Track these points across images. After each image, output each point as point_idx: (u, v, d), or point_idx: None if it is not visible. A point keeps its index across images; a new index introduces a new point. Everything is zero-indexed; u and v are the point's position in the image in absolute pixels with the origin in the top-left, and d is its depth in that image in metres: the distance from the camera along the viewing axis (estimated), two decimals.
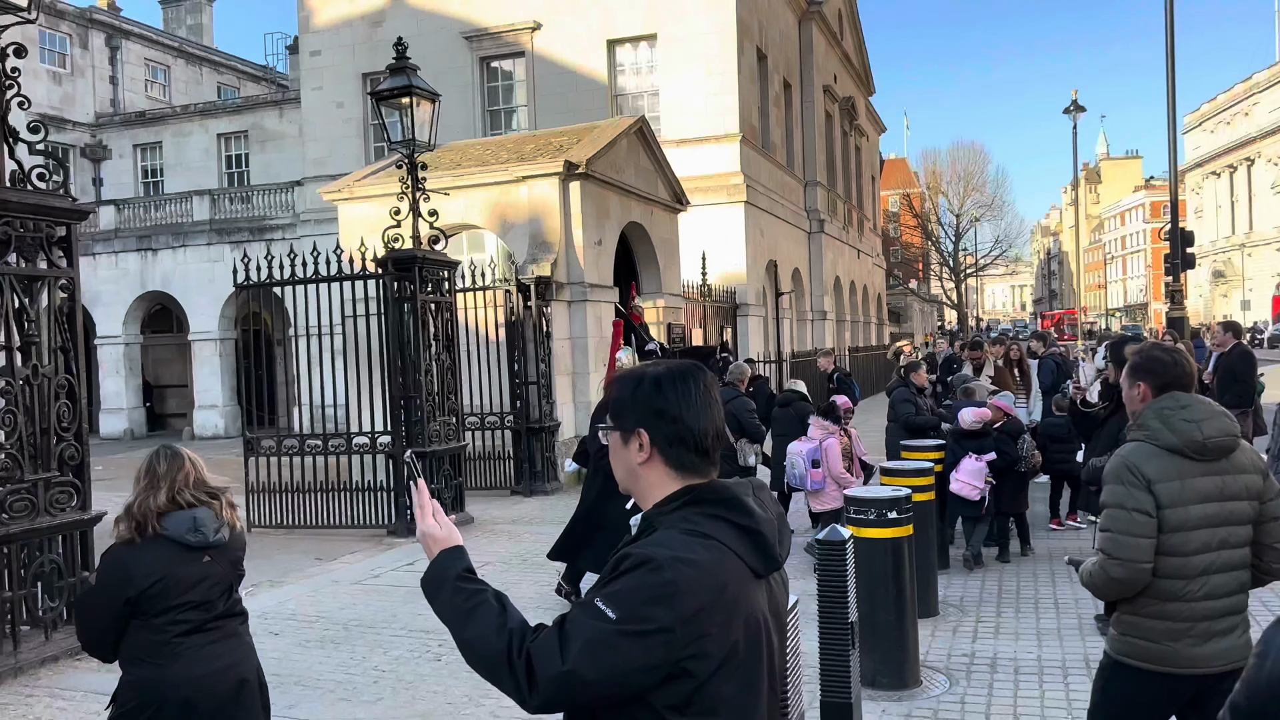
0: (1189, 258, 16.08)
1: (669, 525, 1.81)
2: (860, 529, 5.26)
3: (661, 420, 1.87)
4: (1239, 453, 3.03)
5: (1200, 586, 2.96)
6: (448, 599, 1.90)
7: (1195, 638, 2.96)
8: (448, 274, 10.79)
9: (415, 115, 10.45)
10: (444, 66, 24.10)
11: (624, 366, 7.66)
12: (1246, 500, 3.00)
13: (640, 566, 1.71)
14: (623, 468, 1.94)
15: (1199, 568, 2.96)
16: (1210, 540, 2.96)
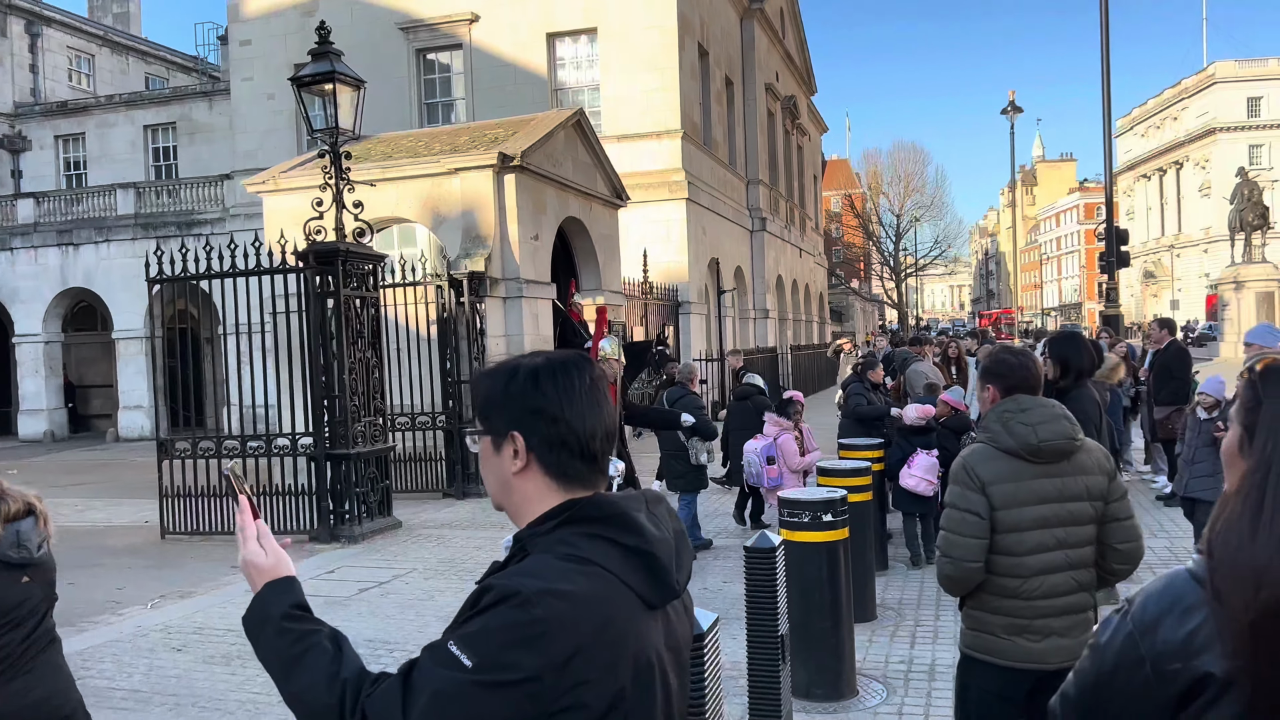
0: (1124, 255, 16.24)
1: (543, 549, 1.51)
2: (793, 532, 5.02)
3: (540, 420, 1.57)
4: (1082, 454, 3.09)
5: (1038, 585, 3.02)
6: (271, 641, 1.57)
7: (1035, 634, 3.03)
8: (373, 268, 10.36)
9: (339, 102, 10.01)
10: (379, 58, 23.53)
11: (608, 357, 7.21)
12: (1088, 501, 3.06)
13: (503, 602, 1.41)
14: (494, 479, 1.64)
15: (1034, 567, 3.01)
16: (1047, 540, 3.02)
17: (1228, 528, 1.28)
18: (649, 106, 21.70)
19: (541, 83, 22.50)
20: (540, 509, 1.57)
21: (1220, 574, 1.25)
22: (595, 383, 1.63)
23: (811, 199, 42.26)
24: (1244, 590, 1.22)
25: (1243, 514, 1.27)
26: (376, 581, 8.14)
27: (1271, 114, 73.45)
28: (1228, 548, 1.26)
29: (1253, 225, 39.03)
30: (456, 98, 23.80)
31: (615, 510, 1.54)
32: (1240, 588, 1.22)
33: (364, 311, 10.22)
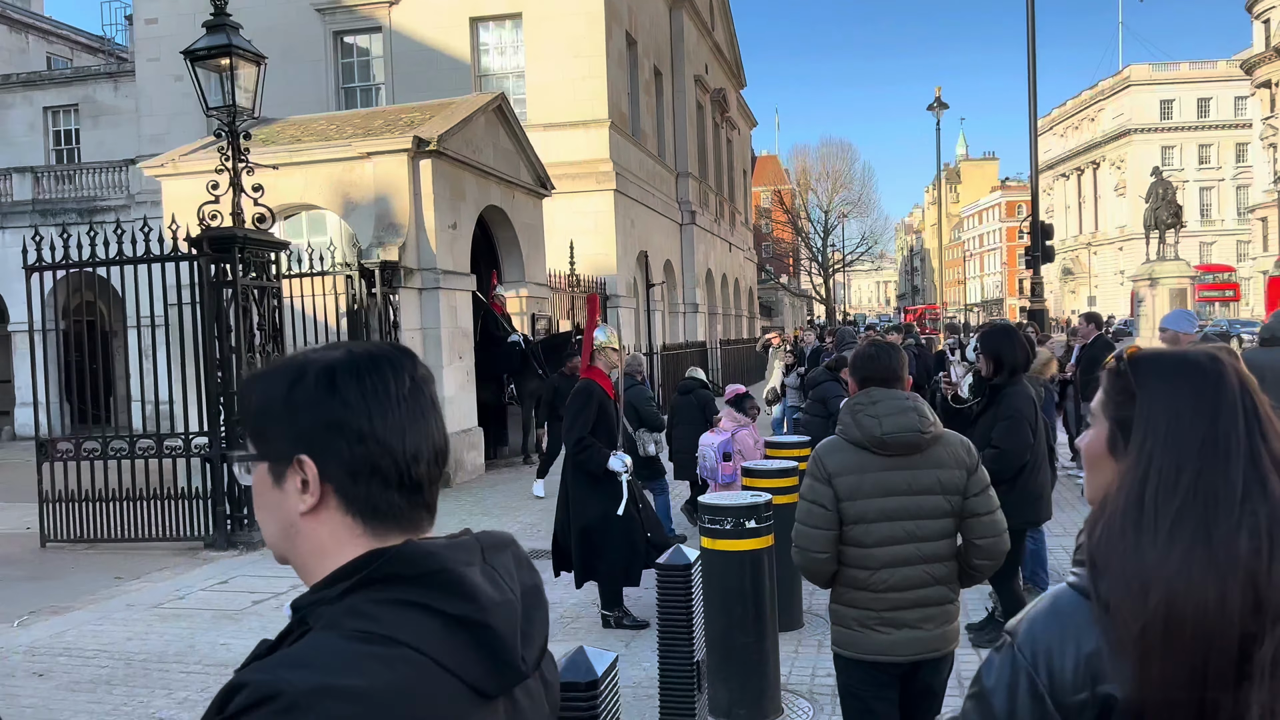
0: (1049, 250, 16.27)
1: (327, 624, 1.07)
2: (714, 540, 4.63)
3: (340, 438, 1.13)
4: (939, 447, 3.06)
5: (887, 577, 3.00)
6: None
7: (887, 626, 3.01)
8: (275, 256, 9.72)
9: (237, 79, 9.33)
10: (294, 40, 22.63)
11: (604, 349, 6.52)
12: (941, 495, 3.02)
13: (257, 708, 0.97)
14: (274, 522, 1.19)
15: (883, 559, 3.00)
16: (895, 533, 3.00)
17: (1110, 534, 1.17)
18: (575, 95, 21.20)
19: (465, 69, 21.83)
20: (335, 562, 1.13)
21: (1106, 585, 1.15)
22: (420, 385, 1.19)
23: (741, 193, 42.17)
24: (1133, 599, 1.12)
25: (1125, 518, 1.17)
26: (273, 592, 7.55)
27: (1183, 117, 75.87)
28: (1113, 556, 1.16)
29: (1166, 224, 40.02)
30: (376, 83, 22.98)
31: (434, 564, 1.11)
32: (1129, 597, 1.12)
33: (264, 302, 9.58)
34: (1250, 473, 1.15)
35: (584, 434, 6.10)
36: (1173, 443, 1.18)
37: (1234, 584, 1.10)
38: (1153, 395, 1.22)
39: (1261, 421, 1.20)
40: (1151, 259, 40.91)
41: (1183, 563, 1.11)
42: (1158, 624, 1.10)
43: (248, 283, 9.30)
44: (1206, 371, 1.22)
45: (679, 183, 28.84)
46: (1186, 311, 7.30)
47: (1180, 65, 77.44)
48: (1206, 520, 1.13)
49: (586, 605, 6.89)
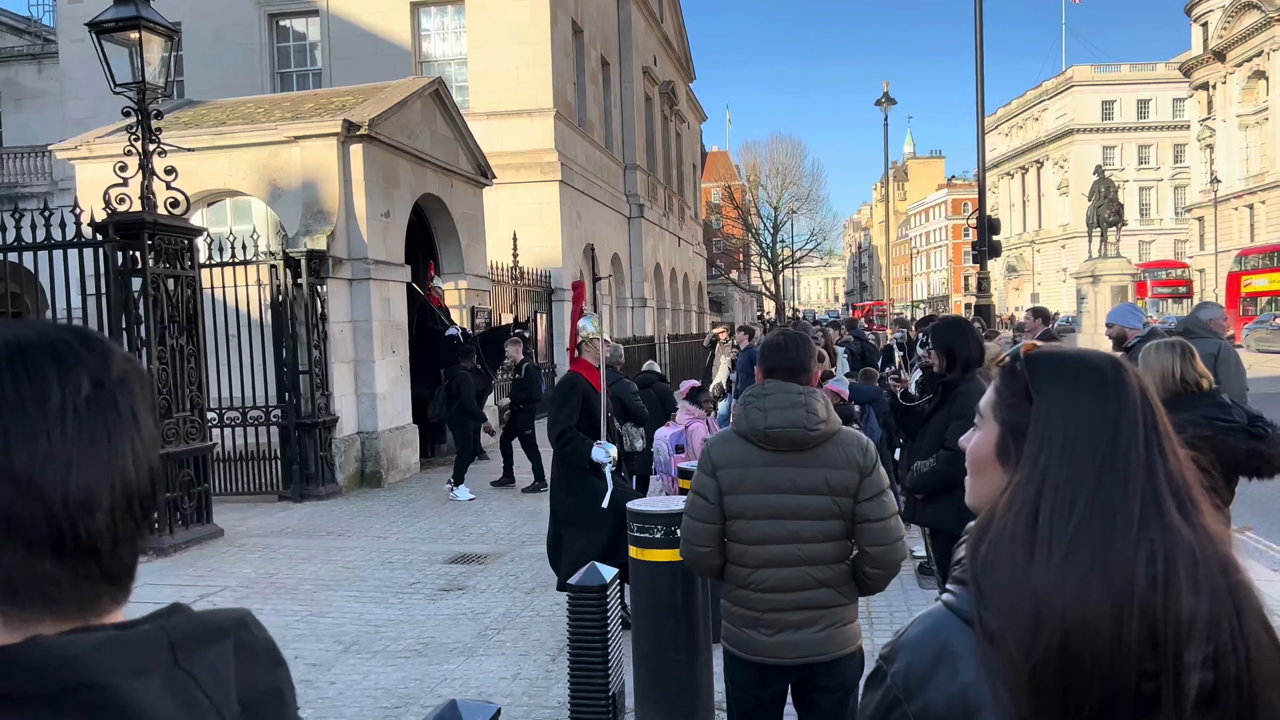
0: (996, 245, 16.20)
1: None
2: (643, 550, 4.25)
3: None
4: (831, 446, 2.93)
5: (766, 577, 2.91)
6: None
7: (767, 627, 2.92)
8: (190, 243, 9.13)
9: (146, 53, 8.73)
10: (226, 22, 21.84)
11: (590, 340, 6.20)
12: (828, 496, 2.89)
13: None
14: None
15: (761, 558, 2.91)
16: (776, 531, 2.90)
17: (998, 556, 1.06)
18: (520, 83, 20.68)
19: (405, 55, 21.18)
20: None
21: (992, 614, 1.04)
22: (110, 391, 0.79)
23: (691, 188, 41.89)
24: (1021, 630, 1.01)
25: (1015, 535, 1.06)
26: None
27: (1124, 117, 77.32)
28: (999, 577, 1.04)
29: (1108, 222, 40.68)
30: (313, 69, 22.23)
31: (70, 677, 0.71)
32: (1017, 626, 1.01)
33: (179, 292, 8.99)
34: (1149, 495, 1.06)
35: (567, 425, 5.89)
36: (1070, 457, 1.08)
37: (1131, 618, 1.00)
38: (1050, 401, 1.12)
39: (1160, 437, 1.10)
40: (1094, 256, 41.57)
41: (1079, 593, 1.01)
42: (1051, 661, 0.99)
43: (159, 271, 8.71)
44: (1109, 379, 1.12)
45: (627, 175, 28.44)
46: (1133, 306, 7.14)
47: (1121, 67, 78.90)
48: (1104, 547, 1.03)
49: (519, 614, 6.48)
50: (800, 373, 3.05)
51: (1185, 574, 1.02)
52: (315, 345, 11.12)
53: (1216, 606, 1.01)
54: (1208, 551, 1.04)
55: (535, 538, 8.85)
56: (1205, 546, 1.04)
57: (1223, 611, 1.01)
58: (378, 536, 9.11)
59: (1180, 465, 1.09)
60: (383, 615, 6.58)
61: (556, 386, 6.20)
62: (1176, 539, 1.03)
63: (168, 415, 8.68)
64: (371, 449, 11.88)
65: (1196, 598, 1.01)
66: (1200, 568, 1.02)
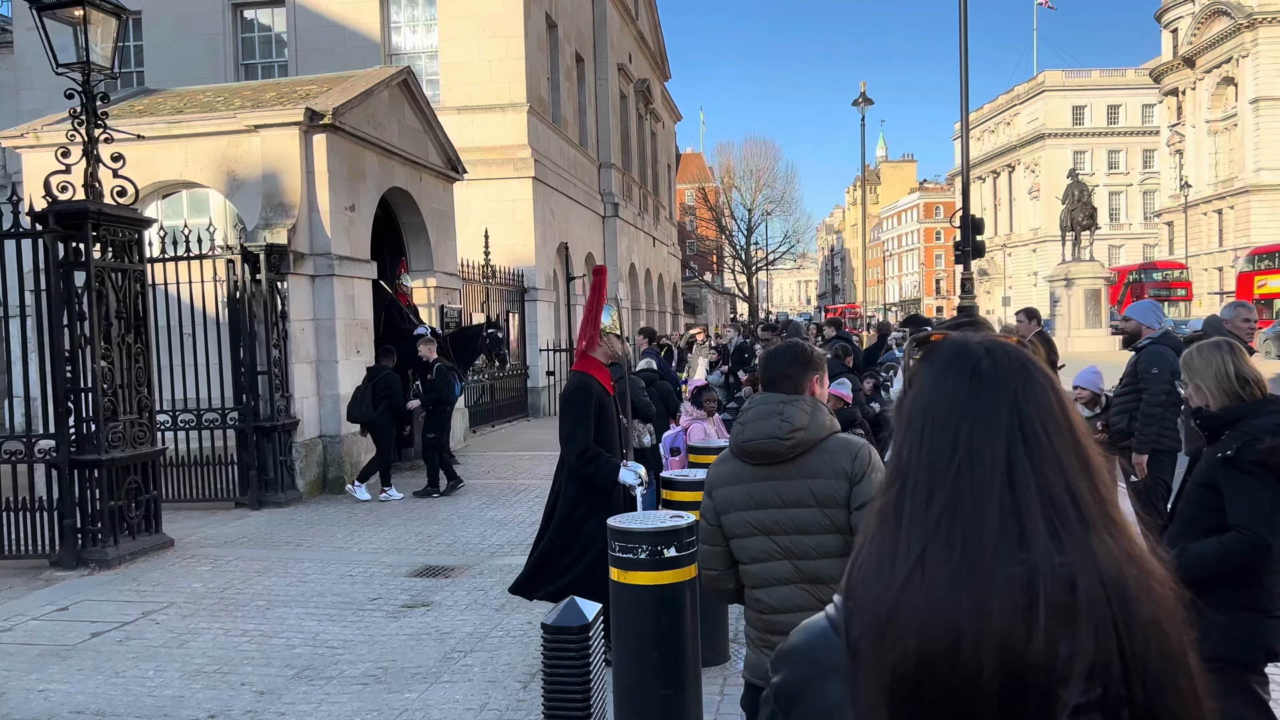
0: (979, 245, 15.93)
1: None
2: (625, 572, 3.82)
3: None
4: (815, 455, 2.76)
5: (764, 596, 2.81)
6: None
7: (770, 649, 2.75)
8: (138, 235, 8.58)
9: (91, 32, 8.18)
10: (188, 11, 21.19)
11: (608, 335, 5.37)
12: (816, 508, 2.74)
13: None
14: None
15: (760, 577, 2.81)
16: (769, 548, 2.78)
17: (866, 559, 0.97)
18: (492, 76, 20.19)
19: (374, 47, 20.62)
20: None
21: (854, 621, 0.95)
22: None
23: (666, 187, 41.51)
24: (879, 642, 0.90)
25: (880, 540, 0.95)
26: (118, 622, 6.50)
27: (1094, 122, 77.92)
28: (864, 586, 0.95)
29: (1082, 225, 40.81)
30: (279, 61, 21.59)
31: None
32: (875, 639, 0.91)
33: (126, 287, 8.43)
34: (1009, 508, 0.91)
35: (588, 443, 4.98)
36: (927, 453, 0.97)
37: (989, 650, 0.86)
38: (920, 390, 1.02)
39: (1031, 442, 0.95)
40: (1067, 260, 41.67)
41: (932, 616, 0.88)
42: (905, 688, 0.88)
43: (104, 264, 8.16)
44: (977, 369, 0.99)
45: (601, 173, 28.00)
46: (1155, 304, 6.75)
47: (1092, 73, 79.50)
48: (961, 565, 0.90)
49: (488, 634, 6.02)
50: (783, 383, 2.88)
51: (1058, 604, 0.88)
52: (275, 344, 10.58)
53: (1104, 644, 0.87)
54: (1101, 577, 0.89)
55: (505, 549, 8.40)
56: (1096, 572, 0.89)
57: (1112, 650, 0.87)
58: (339, 547, 8.60)
59: (1070, 475, 0.94)
60: (340, 635, 6.09)
61: (568, 393, 5.23)
62: (1050, 562, 0.89)
63: (113, 418, 8.13)
64: (335, 453, 11.35)
65: (1075, 633, 0.87)
66: (1084, 597, 0.88)
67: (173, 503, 10.19)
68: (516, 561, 7.89)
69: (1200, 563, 2.97)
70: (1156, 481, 6.00)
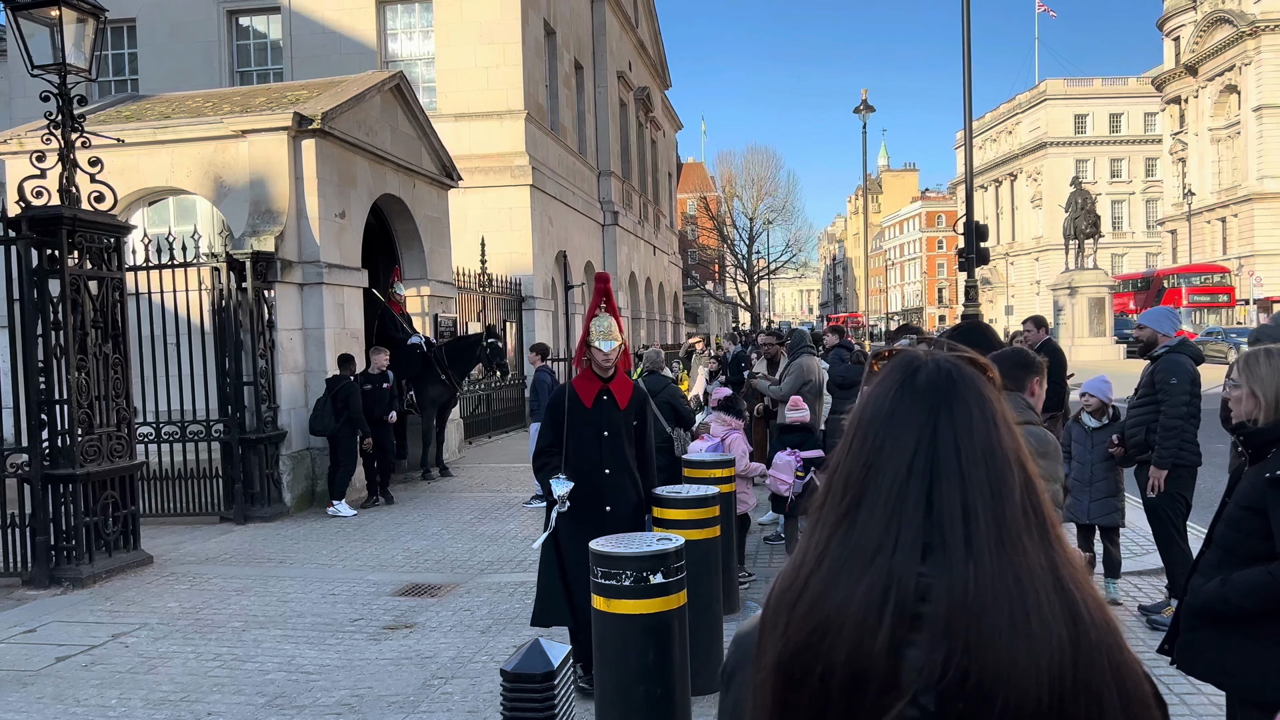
0: (984, 252, 15.65)
1: None
2: (609, 601, 3.53)
3: None
4: None
5: None
6: None
7: None
8: (116, 242, 8.31)
9: (67, 32, 7.94)
10: (183, 18, 21.00)
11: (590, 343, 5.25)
12: None
13: None
14: None
15: None
16: None
17: (791, 558, 1.03)
18: (489, 83, 19.97)
19: (371, 54, 20.41)
20: None
21: (766, 613, 1.01)
22: None
23: (666, 196, 41.29)
24: (775, 629, 0.97)
25: (804, 538, 1.03)
26: (86, 645, 6.20)
27: (1096, 131, 77.70)
28: (782, 579, 1.01)
29: (1086, 233, 40.53)
30: (274, 68, 21.38)
31: None
32: (772, 628, 0.97)
33: (104, 295, 8.17)
34: (895, 515, 0.94)
35: (540, 447, 5.21)
36: (849, 460, 1.02)
37: (841, 649, 0.91)
38: (860, 401, 1.07)
39: (939, 458, 0.96)
40: (1071, 268, 41.37)
41: (813, 603, 0.94)
42: (784, 666, 0.94)
43: (80, 272, 7.90)
44: (905, 382, 1.02)
45: (601, 181, 27.77)
46: (1171, 310, 6.45)
47: (1094, 81, 79.32)
48: (845, 562, 0.95)
49: (471, 658, 5.72)
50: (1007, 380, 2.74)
51: (910, 613, 0.90)
52: (261, 354, 10.31)
53: (953, 661, 0.88)
54: (958, 595, 0.90)
55: (495, 565, 8.11)
56: (956, 588, 0.91)
57: (960, 668, 0.88)
58: (322, 564, 8.31)
59: (971, 493, 0.95)
60: (316, 660, 5.80)
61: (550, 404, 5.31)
62: (911, 571, 0.92)
63: (89, 430, 7.86)
64: (322, 466, 11.06)
65: (922, 643, 0.89)
66: (937, 611, 0.90)
67: (156, 517, 9.92)
68: (507, 579, 7.62)
69: (1248, 594, 2.68)
70: (1175, 497, 5.71)
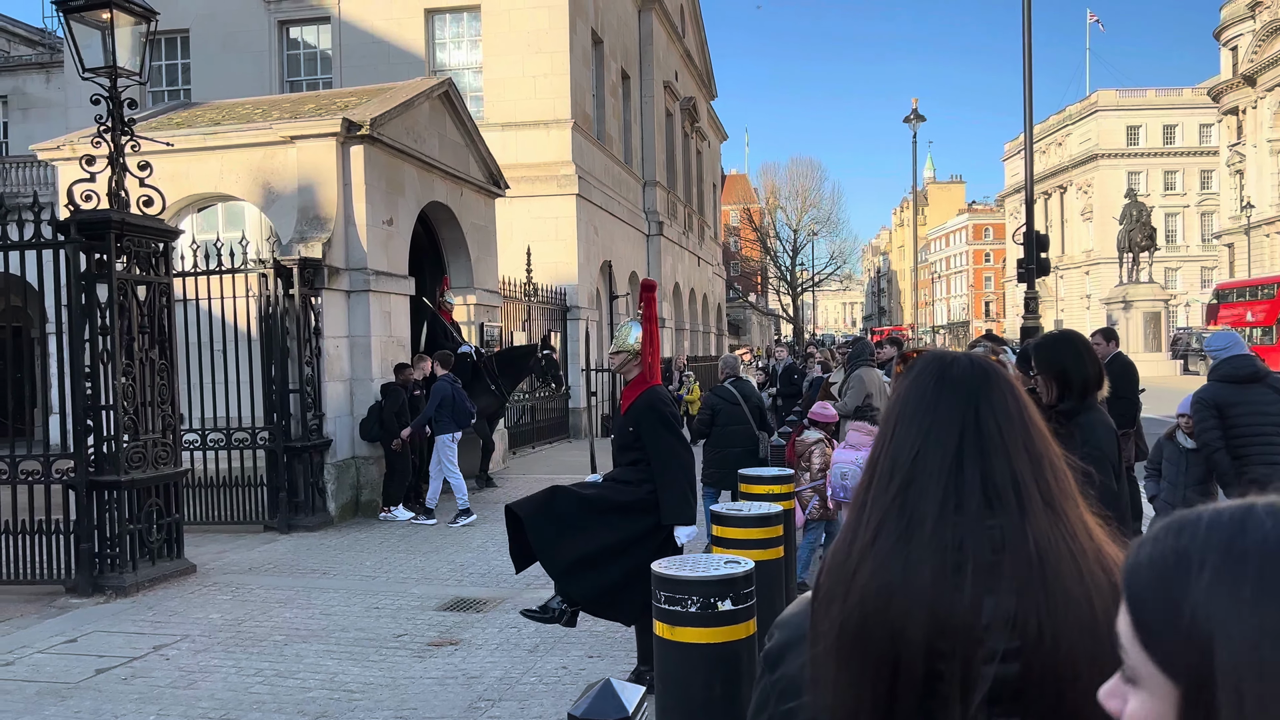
0: (1044, 263, 15.19)
1: None
2: (673, 628, 3.27)
3: None
4: None
5: None
6: None
7: None
8: (164, 247, 8.25)
9: (118, 35, 7.90)
10: (235, 29, 21.21)
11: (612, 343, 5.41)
12: None
13: None
14: None
15: None
16: None
17: (839, 536, 1.11)
18: (536, 92, 19.89)
19: (419, 63, 20.45)
20: None
21: (819, 591, 1.08)
22: None
23: (711, 207, 41.05)
24: (834, 601, 1.04)
25: (851, 519, 1.10)
26: (127, 656, 6.07)
27: (1149, 143, 76.13)
28: (833, 556, 1.09)
29: (1141, 246, 39.60)
30: (324, 77, 21.51)
31: None
32: (830, 599, 1.05)
33: (151, 300, 8.10)
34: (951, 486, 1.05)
35: None
36: (893, 447, 1.10)
37: (920, 607, 0.99)
38: (895, 396, 1.16)
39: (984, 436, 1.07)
40: (1125, 281, 40.44)
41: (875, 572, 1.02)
42: (849, 634, 1.01)
43: (128, 276, 7.83)
44: (942, 375, 1.13)
45: (646, 191, 27.60)
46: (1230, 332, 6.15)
47: (1147, 92, 77.76)
48: (904, 534, 1.03)
49: (519, 679, 5.49)
50: None
51: (985, 563, 1.00)
52: (307, 361, 10.22)
53: (1025, 603, 0.99)
54: (1027, 544, 1.01)
55: (540, 580, 7.84)
56: (1023, 538, 1.01)
57: (1031, 610, 0.98)
58: (366, 575, 8.14)
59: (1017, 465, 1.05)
60: (360, 677, 5.60)
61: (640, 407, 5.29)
62: (980, 524, 1.02)
63: (134, 437, 7.78)
64: (367, 475, 10.94)
65: (998, 590, 0.99)
66: (1009, 557, 1.00)
67: (200, 525, 9.84)
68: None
69: None
70: None
